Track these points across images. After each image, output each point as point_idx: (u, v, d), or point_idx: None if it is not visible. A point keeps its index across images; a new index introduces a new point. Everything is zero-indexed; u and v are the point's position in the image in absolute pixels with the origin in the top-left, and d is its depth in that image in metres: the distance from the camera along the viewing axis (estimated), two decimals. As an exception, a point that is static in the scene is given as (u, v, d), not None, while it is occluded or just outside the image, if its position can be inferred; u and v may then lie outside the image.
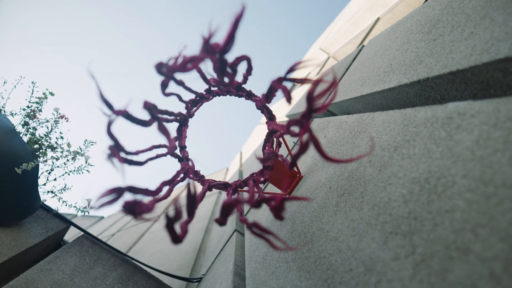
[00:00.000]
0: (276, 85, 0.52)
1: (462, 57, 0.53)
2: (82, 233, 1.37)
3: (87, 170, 1.27)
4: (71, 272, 1.12)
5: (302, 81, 0.48)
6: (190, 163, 0.77)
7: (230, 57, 0.49)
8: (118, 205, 0.40)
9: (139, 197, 0.45)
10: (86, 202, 1.29)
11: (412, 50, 0.74)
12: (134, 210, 0.39)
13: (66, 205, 1.30)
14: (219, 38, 0.42)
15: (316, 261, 0.53)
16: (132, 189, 0.45)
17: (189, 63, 0.43)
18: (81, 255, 1.23)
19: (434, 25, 0.72)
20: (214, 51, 0.42)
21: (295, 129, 0.53)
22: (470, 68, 0.50)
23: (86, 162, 1.26)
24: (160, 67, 0.49)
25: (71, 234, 1.48)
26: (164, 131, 0.48)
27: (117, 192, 0.42)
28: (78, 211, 1.29)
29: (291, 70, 0.49)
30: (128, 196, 0.43)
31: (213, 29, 0.42)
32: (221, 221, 0.44)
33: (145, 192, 0.48)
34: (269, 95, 0.57)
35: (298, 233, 0.65)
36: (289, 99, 0.47)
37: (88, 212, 1.29)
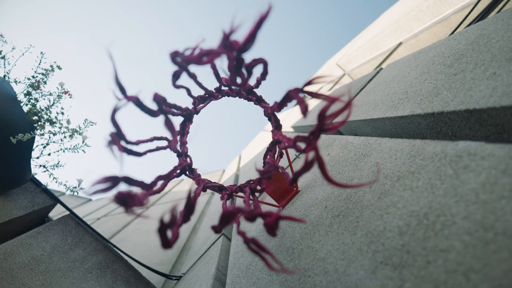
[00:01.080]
0: (293, 95, 0.51)
1: (481, 97, 0.53)
2: (67, 212, 1.37)
3: (83, 150, 1.27)
4: (50, 250, 1.12)
5: (319, 96, 0.48)
6: (188, 159, 0.77)
7: (247, 57, 0.49)
8: (111, 193, 0.40)
9: (133, 188, 0.45)
10: (77, 182, 1.28)
11: (431, 81, 0.74)
12: (126, 202, 0.39)
13: (56, 182, 1.30)
14: (240, 36, 0.42)
15: (300, 279, 0.52)
16: (128, 180, 0.44)
17: (205, 57, 0.42)
18: (64, 235, 1.22)
19: (457, 59, 0.72)
20: (232, 48, 0.42)
21: (301, 144, 0.53)
22: (487, 109, 0.50)
23: (83, 142, 1.25)
24: (175, 56, 0.49)
25: (57, 212, 1.47)
26: (170, 126, 0.47)
27: (113, 181, 0.42)
28: (67, 189, 1.28)
29: (310, 82, 0.49)
30: (122, 186, 0.43)
31: (235, 25, 0.41)
32: (219, 229, 0.44)
33: (140, 184, 0.48)
34: (283, 103, 0.57)
35: (286, 247, 0.65)
36: (305, 111, 0.46)
37: (77, 193, 1.29)
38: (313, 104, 2.43)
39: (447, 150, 0.47)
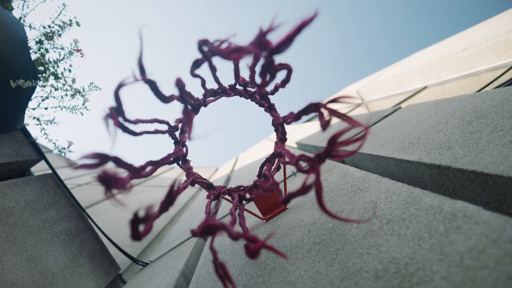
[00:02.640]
0: (315, 109, 0.51)
1: (491, 162, 0.53)
2: (50, 171, 1.37)
3: (81, 113, 1.27)
4: (24, 205, 1.12)
5: (341, 116, 0.48)
6: (184, 149, 0.77)
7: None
8: (97, 170, 0.40)
9: (120, 170, 0.45)
10: (67, 143, 1.28)
11: (446, 133, 0.74)
12: (109, 183, 0.39)
13: (46, 138, 1.30)
14: (276, 37, 0.42)
15: (265, 297, 0.53)
16: (117, 161, 0.45)
17: (234, 52, 0.42)
18: (41, 193, 1.23)
19: (477, 118, 0.72)
20: (265, 47, 0.41)
21: (303, 164, 0.53)
22: (494, 175, 0.50)
23: (83, 104, 1.25)
24: (203, 44, 0.49)
25: (39, 168, 1.47)
26: (188, 115, 0.47)
27: (101, 158, 0.42)
28: (55, 148, 1.28)
29: (335, 100, 0.49)
30: (109, 166, 0.43)
31: (274, 24, 0.40)
32: (199, 236, 0.44)
33: (129, 167, 0.48)
34: (302, 114, 0.57)
35: (260, 262, 0.65)
36: (325, 126, 0.46)
37: (65, 154, 1.29)
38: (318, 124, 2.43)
39: (444, 206, 0.47)
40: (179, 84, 0.50)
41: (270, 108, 0.76)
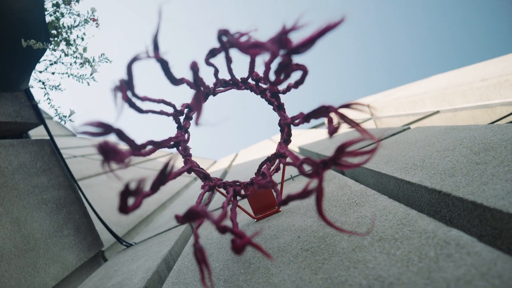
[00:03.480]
0: (326, 112, 0.51)
1: (493, 195, 0.53)
2: (48, 137, 1.37)
3: (88, 83, 1.27)
4: (16, 167, 1.12)
5: (353, 124, 0.47)
6: (186, 135, 0.77)
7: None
8: (97, 139, 0.40)
9: (121, 144, 0.45)
10: (69, 112, 1.29)
11: (451, 160, 0.74)
12: (108, 154, 0.38)
13: (49, 103, 1.30)
14: (298, 36, 0.41)
15: (245, 296, 0.53)
16: (120, 134, 0.44)
17: (252, 48, 0.42)
18: (35, 157, 1.23)
19: (485, 150, 0.72)
20: (285, 45, 0.41)
21: (307, 168, 0.53)
22: (494, 209, 0.50)
23: (91, 74, 1.26)
24: (222, 34, 0.49)
25: (35, 133, 1.47)
26: (199, 100, 0.47)
27: (105, 128, 0.42)
28: (56, 115, 1.29)
29: (348, 106, 0.49)
30: (111, 137, 0.43)
31: (298, 24, 0.40)
32: (181, 222, 0.44)
33: (131, 142, 0.48)
34: (311, 117, 0.57)
35: (244, 259, 0.65)
36: (333, 132, 0.46)
37: (65, 122, 1.29)
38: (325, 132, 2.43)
39: (438, 232, 0.48)
40: (194, 68, 0.50)
41: (279, 107, 0.76)
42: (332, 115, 0.49)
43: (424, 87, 3.12)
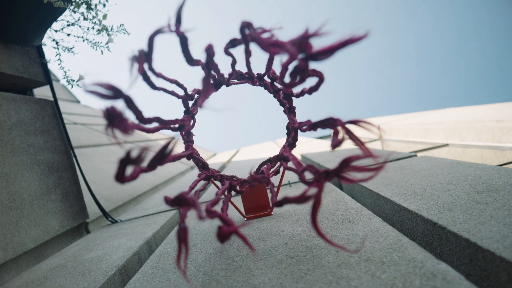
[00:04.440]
0: (333, 124, 0.51)
1: (488, 237, 0.53)
2: (51, 99, 1.37)
3: (102, 51, 1.27)
4: (15, 122, 1.12)
5: (358, 141, 0.47)
6: (192, 121, 0.77)
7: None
8: (105, 103, 0.40)
9: (127, 112, 0.45)
10: (78, 76, 1.29)
11: (452, 195, 0.74)
12: (113, 119, 0.38)
13: (59, 64, 1.30)
14: (319, 43, 0.41)
15: (222, 291, 0.53)
16: (129, 101, 0.44)
17: (273, 46, 0.42)
18: (35, 116, 1.23)
19: (488, 190, 0.72)
20: (304, 50, 0.40)
21: (305, 177, 0.53)
22: (486, 250, 0.50)
23: (106, 43, 1.26)
24: (245, 27, 0.49)
25: (40, 92, 1.47)
26: (207, 83, 0.47)
27: (116, 92, 0.42)
28: (64, 78, 1.29)
29: (356, 122, 0.48)
30: (119, 103, 0.43)
31: (322, 30, 0.40)
32: (169, 205, 0.44)
33: (138, 113, 0.48)
34: (318, 125, 0.57)
35: (228, 256, 0.66)
36: (336, 145, 0.46)
37: (72, 86, 1.29)
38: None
39: (427, 263, 0.48)
40: (209, 51, 0.50)
41: (290, 110, 0.76)
42: (339, 128, 0.49)
43: (437, 117, 3.12)
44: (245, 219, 0.89)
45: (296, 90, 0.73)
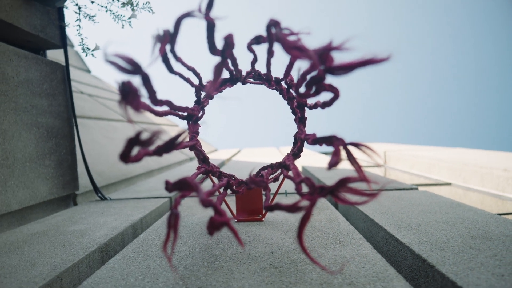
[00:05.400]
0: (335, 143, 0.51)
1: (475, 283, 0.53)
2: (63, 64, 1.37)
3: (123, 25, 1.27)
4: (22, 80, 1.12)
5: (355, 164, 0.47)
6: (201, 112, 0.78)
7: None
8: (121, 77, 0.40)
9: (142, 90, 0.45)
10: (94, 45, 1.29)
11: (446, 235, 0.74)
12: (127, 94, 0.38)
13: (77, 30, 1.30)
14: (341, 57, 0.41)
15: (200, 287, 0.53)
16: (146, 79, 0.45)
17: (297, 50, 0.42)
18: (44, 78, 1.23)
19: (483, 237, 0.72)
20: (324, 61, 0.41)
21: (301, 189, 0.53)
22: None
23: (129, 18, 1.26)
24: (272, 25, 0.49)
25: (53, 55, 1.47)
26: (219, 70, 0.47)
27: (135, 67, 0.42)
28: (80, 45, 1.29)
29: (357, 145, 0.49)
30: (134, 79, 0.43)
31: (346, 44, 0.39)
32: (170, 189, 0.44)
33: (152, 93, 0.48)
34: (319, 142, 0.57)
35: (211, 254, 0.66)
36: (333, 165, 0.46)
37: (86, 54, 1.30)
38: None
39: (409, 298, 0.48)
40: (229, 39, 0.50)
41: (301, 120, 0.77)
42: (340, 148, 0.49)
43: (445, 154, 3.12)
44: (235, 220, 0.89)
45: (311, 101, 0.73)
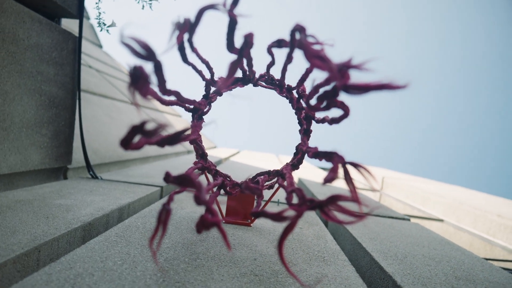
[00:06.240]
0: (335, 160, 0.51)
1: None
2: (77, 35, 1.37)
3: (143, 6, 1.27)
4: (33, 45, 1.12)
5: (351, 184, 0.47)
6: (208, 107, 0.78)
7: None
8: (134, 61, 0.40)
9: (153, 77, 0.45)
10: (111, 22, 1.29)
11: (431, 271, 0.74)
12: (138, 79, 0.38)
13: (96, 3, 1.29)
14: (362, 76, 0.41)
15: (176, 283, 0.53)
16: (158, 67, 0.45)
17: (318, 59, 0.41)
18: (55, 46, 1.23)
19: (467, 279, 0.73)
20: (342, 78, 0.40)
21: (291, 198, 0.53)
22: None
23: (151, 0, 1.26)
24: (298, 30, 0.49)
25: (67, 24, 1.46)
26: (234, 68, 0.47)
27: (149, 54, 0.42)
28: (97, 18, 1.29)
29: (356, 165, 0.48)
30: (147, 65, 0.43)
31: (365, 65, 0.39)
32: (170, 181, 0.44)
33: (162, 81, 0.48)
34: (319, 156, 0.57)
35: (193, 251, 0.66)
36: (328, 181, 0.46)
37: (101, 29, 1.30)
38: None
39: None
40: (248, 38, 0.50)
41: (305, 132, 0.77)
42: (339, 166, 0.49)
43: (442, 190, 3.12)
44: (223, 221, 0.89)
45: (319, 115, 0.73)
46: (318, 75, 0.51)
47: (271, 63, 0.73)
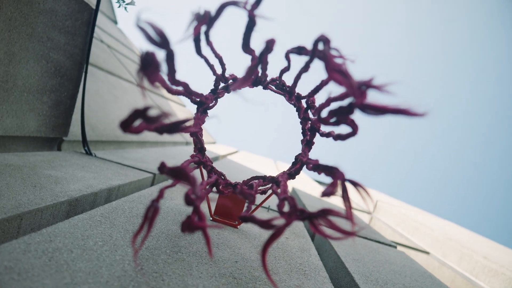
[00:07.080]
0: (337, 176, 0.51)
1: None
2: (93, 7, 1.37)
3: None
4: (47, 10, 1.11)
5: (346, 200, 0.47)
6: (214, 102, 0.78)
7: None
8: (146, 48, 0.40)
9: (164, 65, 0.45)
10: (130, 0, 1.29)
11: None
12: (148, 66, 0.38)
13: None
14: (374, 97, 0.40)
15: (154, 273, 0.53)
16: (170, 56, 0.45)
17: (339, 73, 0.41)
18: (69, 15, 1.22)
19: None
20: (359, 96, 0.40)
21: (283, 206, 0.53)
22: None
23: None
24: (322, 41, 0.49)
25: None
26: (250, 72, 0.47)
27: (164, 41, 0.42)
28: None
29: (355, 184, 0.48)
30: (159, 54, 0.43)
31: (384, 87, 0.39)
32: (164, 172, 0.44)
33: (172, 71, 0.48)
34: (320, 170, 0.57)
35: (175, 245, 0.66)
36: (326, 195, 0.46)
37: (119, 6, 1.30)
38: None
39: None
40: (270, 43, 0.50)
41: (307, 143, 0.76)
42: (338, 181, 0.49)
43: (433, 223, 3.13)
44: (210, 219, 0.89)
45: (325, 128, 0.73)
46: (333, 89, 0.51)
47: (286, 69, 0.73)
